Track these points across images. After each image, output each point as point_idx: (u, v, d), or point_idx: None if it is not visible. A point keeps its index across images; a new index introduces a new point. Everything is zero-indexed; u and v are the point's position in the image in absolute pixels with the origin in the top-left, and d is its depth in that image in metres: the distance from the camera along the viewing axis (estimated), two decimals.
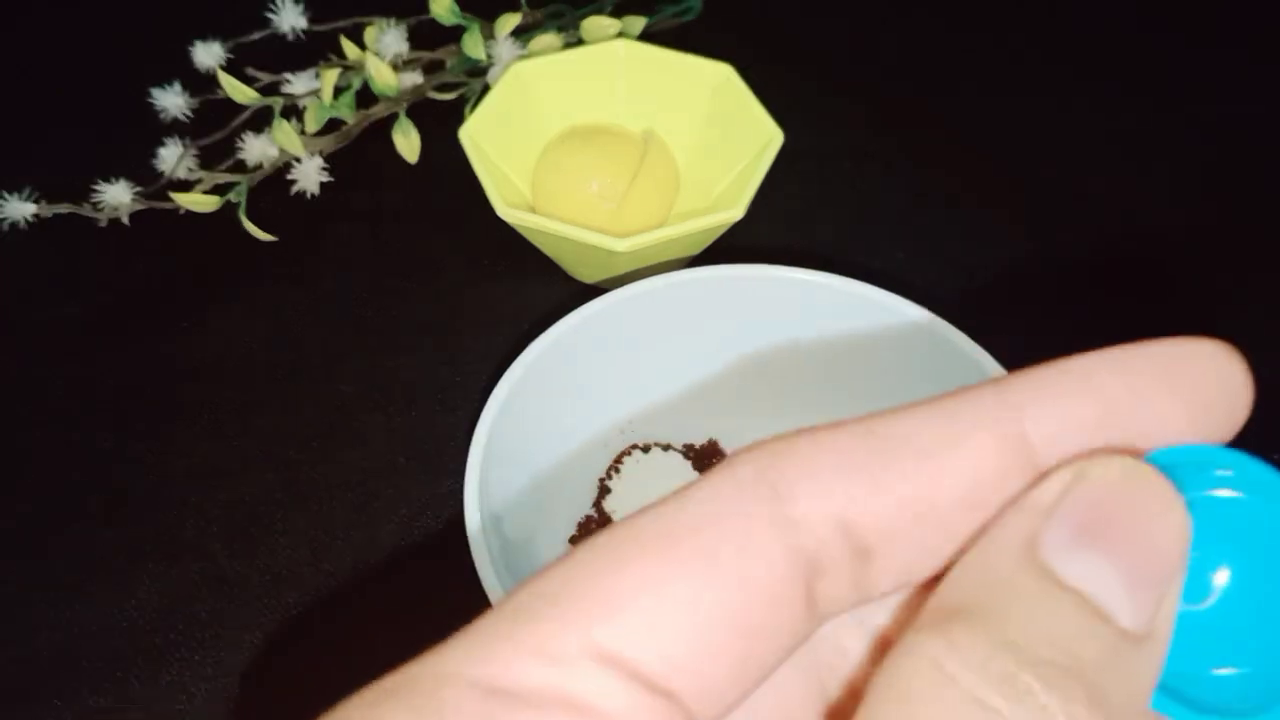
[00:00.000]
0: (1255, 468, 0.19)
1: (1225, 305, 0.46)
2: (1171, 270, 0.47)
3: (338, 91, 0.47)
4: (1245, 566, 0.20)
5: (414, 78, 0.49)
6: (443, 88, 0.50)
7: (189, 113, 0.48)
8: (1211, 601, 0.20)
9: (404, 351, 0.43)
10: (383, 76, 0.47)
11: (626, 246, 0.38)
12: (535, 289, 0.45)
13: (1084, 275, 0.46)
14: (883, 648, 0.15)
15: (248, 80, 0.47)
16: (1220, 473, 0.19)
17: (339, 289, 0.45)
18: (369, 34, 0.48)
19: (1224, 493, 0.20)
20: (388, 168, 0.48)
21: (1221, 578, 0.20)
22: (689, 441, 0.39)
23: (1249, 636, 0.20)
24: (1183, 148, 0.51)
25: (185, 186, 0.46)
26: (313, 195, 0.47)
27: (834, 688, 0.15)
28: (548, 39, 0.49)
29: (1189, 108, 0.53)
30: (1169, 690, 0.19)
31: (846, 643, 0.15)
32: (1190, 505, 0.19)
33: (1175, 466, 0.20)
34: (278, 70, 0.48)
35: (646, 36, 0.50)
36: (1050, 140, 0.51)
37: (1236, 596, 0.20)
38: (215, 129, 0.46)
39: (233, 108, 0.47)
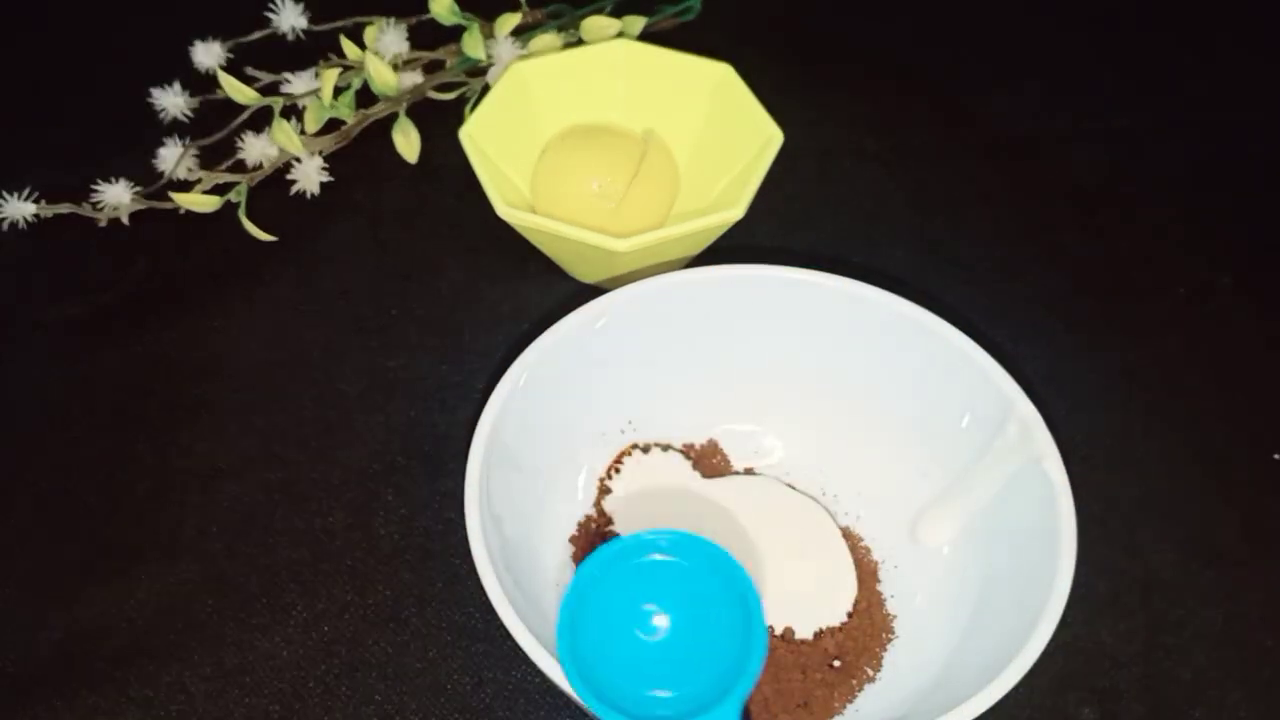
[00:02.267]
0: (684, 538, 0.29)
1: (1225, 305, 0.46)
2: (1170, 269, 0.47)
3: (337, 91, 0.47)
4: (679, 611, 0.29)
5: (414, 77, 0.49)
6: (443, 87, 0.50)
7: (189, 113, 0.48)
8: (656, 638, 0.28)
9: (404, 351, 0.43)
10: (382, 76, 0.47)
11: (627, 246, 0.38)
12: (535, 289, 0.45)
13: (1083, 274, 0.46)
14: None
15: (248, 80, 0.47)
16: (661, 544, 0.29)
17: (339, 289, 0.45)
18: (369, 34, 0.48)
19: (660, 557, 0.29)
20: (388, 168, 0.48)
21: (663, 620, 0.29)
22: (689, 441, 0.39)
23: (680, 665, 0.28)
24: (1181, 147, 0.51)
25: (185, 186, 0.46)
26: (313, 195, 0.47)
27: None
28: (548, 39, 0.49)
29: (1188, 107, 0.53)
30: (620, 709, 0.27)
31: None
32: (638, 568, 0.29)
33: (628, 546, 0.29)
34: (277, 70, 0.48)
35: (646, 36, 0.50)
36: (1049, 139, 0.51)
37: (673, 635, 0.28)
38: (215, 129, 0.46)
39: (233, 108, 0.47)
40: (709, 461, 0.39)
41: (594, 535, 0.37)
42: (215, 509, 0.39)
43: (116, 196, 0.45)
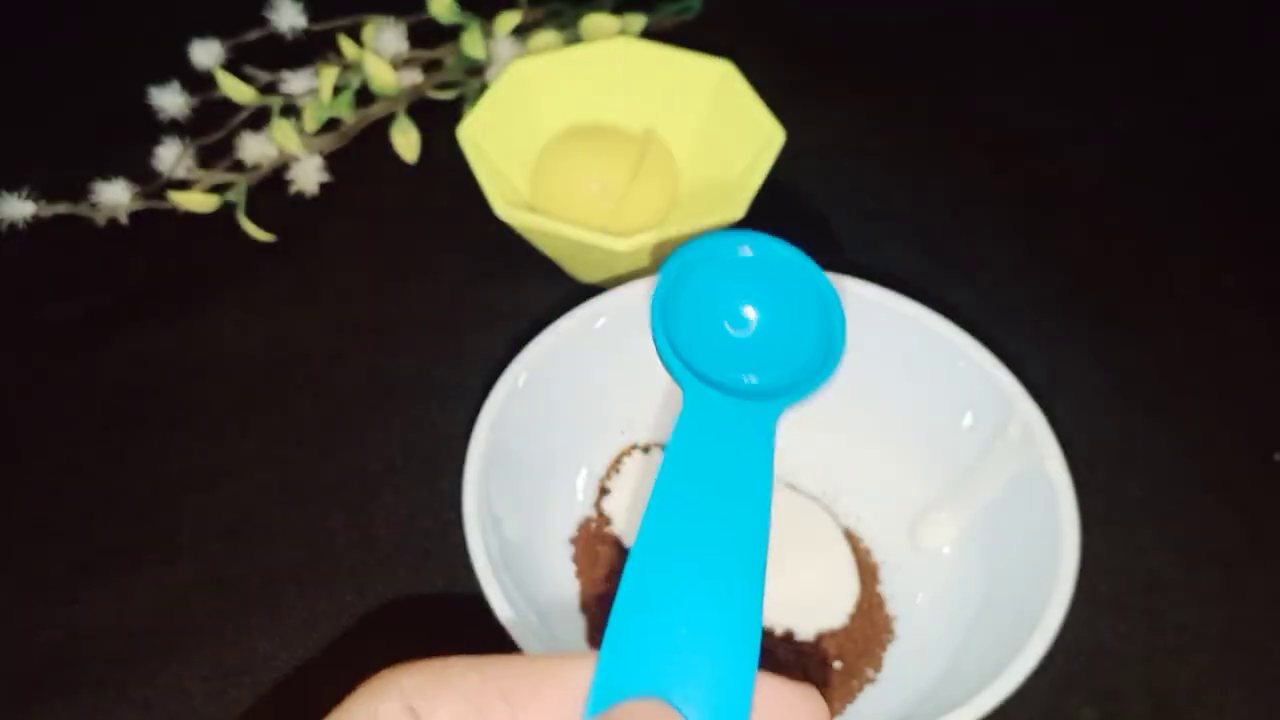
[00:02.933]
0: (767, 239, 0.30)
1: (1225, 305, 0.45)
2: (1171, 269, 0.47)
3: (336, 90, 0.47)
4: (768, 306, 0.29)
5: (413, 77, 0.49)
6: (442, 87, 0.50)
7: (187, 112, 0.48)
8: (749, 331, 0.29)
9: (404, 351, 0.43)
10: (381, 75, 0.47)
11: (627, 246, 0.38)
12: (535, 289, 0.45)
13: (1083, 274, 0.46)
14: None
15: (246, 79, 0.47)
16: (743, 248, 0.30)
17: (339, 289, 0.45)
18: (367, 33, 0.48)
19: (747, 251, 0.29)
20: (387, 167, 0.48)
21: (753, 313, 0.29)
22: None
23: (771, 354, 0.29)
24: (1182, 147, 0.51)
25: (184, 186, 0.46)
26: (312, 195, 0.47)
27: None
28: (547, 37, 0.49)
29: (1188, 106, 0.53)
30: (714, 383, 0.27)
31: None
32: (728, 264, 0.29)
33: (711, 247, 0.29)
34: (276, 69, 0.48)
35: (646, 34, 0.50)
36: (1049, 139, 0.51)
37: (763, 327, 0.29)
38: (214, 128, 0.46)
39: (231, 107, 0.46)
40: None
41: (594, 535, 0.36)
42: (215, 509, 0.39)
43: (115, 196, 0.45)
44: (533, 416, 0.35)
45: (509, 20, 0.48)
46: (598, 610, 0.35)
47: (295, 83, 0.47)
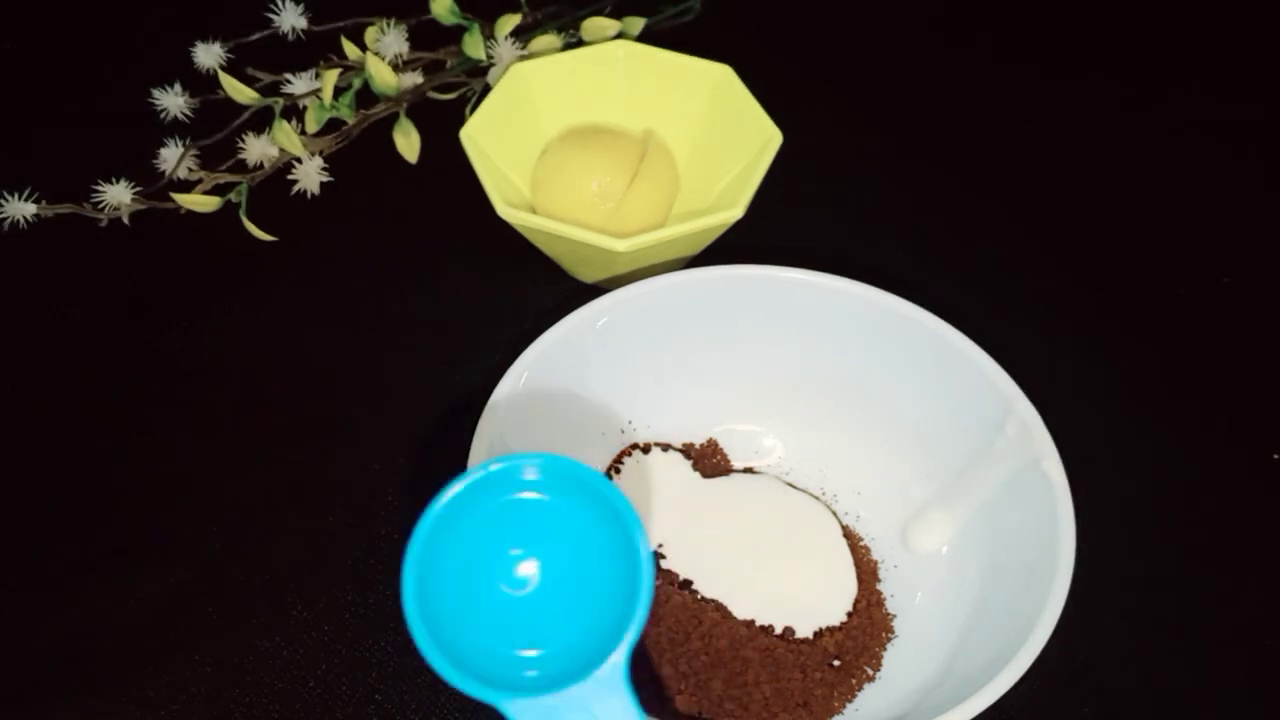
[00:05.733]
0: (556, 463, 0.24)
1: (1225, 305, 0.46)
2: (1171, 269, 0.47)
3: (338, 92, 0.47)
4: (550, 559, 0.24)
5: (414, 78, 0.49)
6: (443, 88, 0.50)
7: (189, 113, 0.48)
8: (526, 591, 0.24)
9: (404, 351, 0.43)
10: (383, 77, 0.47)
11: (626, 246, 0.38)
12: (535, 289, 0.45)
13: (1083, 274, 0.46)
14: None
15: (248, 80, 0.47)
16: (529, 475, 0.24)
17: (339, 289, 0.45)
18: (369, 34, 0.48)
19: (530, 495, 0.24)
20: (388, 168, 0.48)
21: (531, 569, 0.24)
22: (689, 441, 0.39)
23: (552, 618, 0.24)
24: (1181, 146, 0.51)
25: (186, 187, 0.46)
26: (313, 195, 0.47)
27: None
28: (548, 39, 0.49)
29: (1187, 107, 0.53)
30: (477, 674, 0.23)
31: None
32: (502, 507, 0.24)
33: (492, 476, 0.24)
34: (278, 70, 0.48)
35: (646, 37, 0.50)
36: (1049, 139, 0.51)
37: (543, 584, 0.24)
38: (216, 129, 0.47)
39: (233, 108, 0.47)
40: (709, 461, 0.39)
41: None
42: (215, 509, 0.39)
43: (117, 196, 0.45)
44: (533, 416, 0.35)
45: (509, 22, 0.48)
46: None
47: (297, 84, 0.48)
